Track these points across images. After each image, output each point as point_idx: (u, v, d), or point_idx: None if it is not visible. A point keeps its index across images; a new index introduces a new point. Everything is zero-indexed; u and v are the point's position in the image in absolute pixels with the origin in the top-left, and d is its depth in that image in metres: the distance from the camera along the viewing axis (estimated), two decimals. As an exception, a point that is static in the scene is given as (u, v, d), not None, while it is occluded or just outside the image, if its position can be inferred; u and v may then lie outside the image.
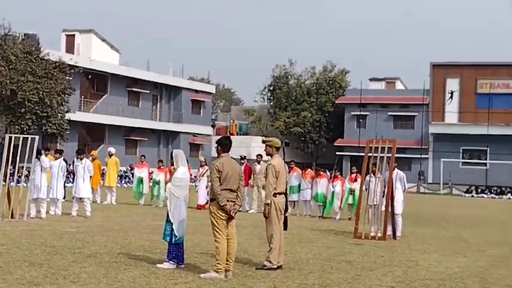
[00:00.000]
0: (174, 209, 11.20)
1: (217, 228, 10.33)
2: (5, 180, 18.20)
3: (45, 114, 45.50)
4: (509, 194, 59.73)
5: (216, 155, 11.05)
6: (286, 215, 11.59)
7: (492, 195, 60.40)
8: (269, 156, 11.64)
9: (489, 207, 39.41)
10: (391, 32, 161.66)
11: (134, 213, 22.07)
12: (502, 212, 34.66)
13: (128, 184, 45.93)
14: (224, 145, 10.61)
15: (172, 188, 11.26)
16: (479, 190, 62.20)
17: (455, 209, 34.97)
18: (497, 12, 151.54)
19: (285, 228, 11.58)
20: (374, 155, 17.52)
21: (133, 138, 62.15)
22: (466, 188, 62.56)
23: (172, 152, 11.50)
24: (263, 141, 12.17)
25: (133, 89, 62.26)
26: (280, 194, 11.36)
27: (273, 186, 11.22)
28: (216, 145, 10.70)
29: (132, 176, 48.72)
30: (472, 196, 59.77)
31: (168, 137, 66.34)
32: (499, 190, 61.42)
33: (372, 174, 17.73)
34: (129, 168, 49.56)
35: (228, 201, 10.29)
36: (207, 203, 24.88)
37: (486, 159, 66.67)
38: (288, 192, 11.93)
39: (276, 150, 11.56)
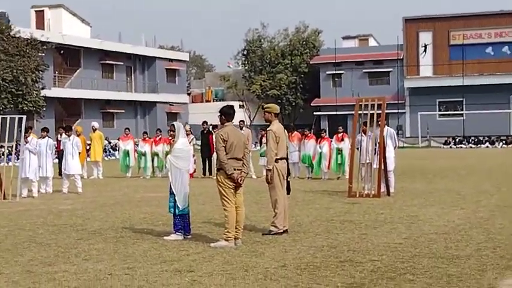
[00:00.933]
0: (176, 180, 11.17)
1: (226, 197, 10.34)
2: (-6, 162, 18.05)
3: (21, 92, 45.15)
4: (487, 143, 60.43)
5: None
6: (289, 179, 11.64)
7: (470, 145, 61.11)
8: (268, 122, 11.63)
9: (469, 158, 39.83)
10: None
11: (124, 187, 22.04)
12: (483, 161, 35.05)
13: (109, 157, 45.77)
14: (228, 114, 10.58)
15: (172, 159, 11.22)
16: (457, 141, 62.80)
17: (437, 161, 35.35)
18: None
19: (288, 192, 11.63)
20: (364, 113, 17.58)
21: (109, 111, 61.82)
22: (444, 139, 63.08)
23: (174, 124, 11.43)
24: (262, 107, 12.16)
25: (107, 62, 61.78)
26: (281, 159, 11.38)
27: (274, 151, 11.23)
28: (219, 114, 10.66)
29: (113, 150, 49.07)
30: (451, 147, 60.41)
31: (144, 107, 66.06)
32: (476, 140, 62.10)
33: (362, 133, 17.80)
34: (107, 142, 49.41)
35: (234, 169, 10.30)
36: (194, 171, 24.99)
37: (462, 110, 67.21)
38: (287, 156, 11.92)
39: (275, 116, 11.56)
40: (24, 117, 18.64)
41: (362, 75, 71.28)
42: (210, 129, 25.82)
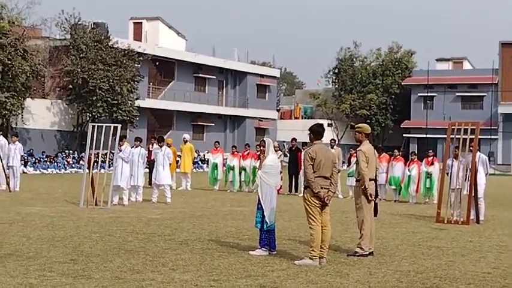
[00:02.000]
0: (265, 196, 11.25)
1: (312, 215, 10.36)
2: (88, 168, 18.57)
3: (116, 101, 46.26)
4: None
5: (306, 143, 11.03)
6: (377, 201, 11.55)
7: None
8: (358, 142, 11.60)
9: None
10: (458, 11, 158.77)
11: (212, 199, 22.30)
12: None
13: (198, 169, 46.41)
14: (317, 132, 10.62)
15: (262, 176, 11.31)
16: (551, 170, 60.80)
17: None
18: None
19: (375, 214, 11.53)
20: (456, 137, 17.28)
21: (200, 123, 62.62)
22: (539, 168, 61.17)
23: (264, 140, 11.55)
24: (352, 127, 12.14)
25: (200, 75, 62.65)
26: (370, 180, 11.31)
27: (366, 172, 11.18)
28: (308, 132, 10.70)
29: (201, 162, 49.74)
30: (545, 177, 58.47)
31: (234, 122, 66.65)
32: None
33: (453, 158, 17.50)
34: (197, 154, 50.11)
35: (321, 188, 10.31)
36: (280, 188, 25.06)
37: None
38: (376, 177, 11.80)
39: (366, 136, 11.51)
40: (120, 126, 19.15)
41: (455, 98, 69.93)
42: (299, 146, 25.88)
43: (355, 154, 11.71)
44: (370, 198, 11.20)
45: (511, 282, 9.46)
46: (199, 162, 49.82)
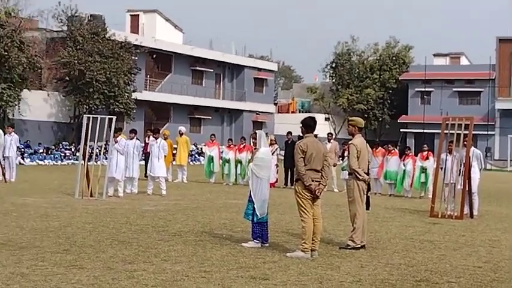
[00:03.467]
0: (256, 188, 11.30)
1: (303, 208, 10.40)
2: (84, 160, 18.60)
3: (113, 93, 46.28)
4: None
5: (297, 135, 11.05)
6: (369, 194, 11.60)
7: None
8: (351, 136, 11.64)
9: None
10: (455, 6, 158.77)
11: (207, 192, 22.34)
12: None
13: (195, 162, 46.46)
14: (308, 126, 10.65)
15: (254, 168, 11.35)
16: (548, 166, 60.86)
17: (526, 187, 34.37)
18: None
19: (367, 208, 11.59)
20: (450, 132, 17.31)
21: (197, 116, 62.64)
22: (535, 164, 61.25)
23: (256, 132, 11.60)
24: (347, 121, 12.16)
25: (197, 68, 62.66)
26: (362, 173, 11.37)
27: (356, 164, 11.23)
28: (300, 125, 10.74)
29: (198, 155, 49.77)
30: (541, 173, 58.53)
31: (231, 115, 66.67)
32: None
33: (448, 152, 17.53)
34: (194, 147, 50.12)
35: (312, 180, 10.35)
36: (276, 181, 25.14)
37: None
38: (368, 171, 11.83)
39: (359, 130, 11.55)
40: (114, 117, 19.15)
41: (452, 94, 70.01)
42: (295, 140, 25.89)
43: (347, 147, 11.73)
44: (360, 178, 11.21)
45: (501, 276, 9.52)
46: (196, 155, 49.84)
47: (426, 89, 69.75)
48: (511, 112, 66.34)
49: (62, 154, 41.92)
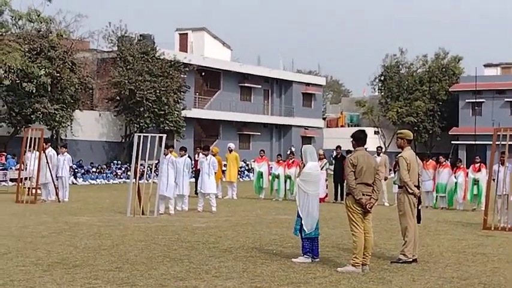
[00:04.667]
0: (303, 203, 11.29)
1: (354, 222, 10.37)
2: (135, 178, 18.81)
3: (163, 112, 46.69)
4: None
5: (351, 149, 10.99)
6: (419, 207, 11.49)
7: None
8: (400, 148, 11.57)
9: None
10: (506, 15, 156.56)
11: (257, 208, 22.37)
12: None
13: (244, 178, 46.56)
14: (359, 139, 10.65)
15: (300, 183, 11.36)
16: None
17: None
18: None
19: (419, 221, 11.48)
20: (502, 143, 17.08)
21: (246, 133, 62.80)
22: None
23: (292, 152, 11.62)
24: (396, 133, 12.10)
25: (245, 85, 62.85)
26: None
27: (407, 177, 11.13)
28: (350, 139, 10.73)
29: (248, 171, 49.87)
30: None
31: (280, 130, 66.67)
32: None
33: (500, 163, 17.29)
34: (245, 163, 50.26)
35: (363, 195, 10.31)
36: (326, 196, 25.05)
37: None
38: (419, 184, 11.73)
39: (408, 143, 11.47)
40: (165, 136, 19.38)
41: (504, 104, 68.90)
42: (344, 154, 25.78)
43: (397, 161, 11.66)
44: (411, 191, 11.11)
45: (557, 288, 9.35)
46: (246, 171, 49.96)
47: (477, 100, 68.79)
48: None
49: (114, 173, 42.42)
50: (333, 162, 26.55)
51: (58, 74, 40.02)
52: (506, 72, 73.88)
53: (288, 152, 28.30)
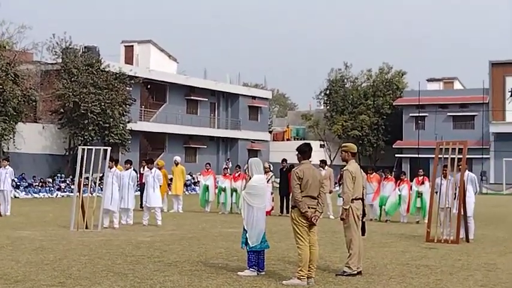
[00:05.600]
0: (248, 216, 11.25)
1: (299, 235, 10.41)
2: (79, 191, 18.59)
3: (108, 125, 46.28)
4: None
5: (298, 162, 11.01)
6: (364, 220, 11.60)
7: (557, 194, 59.02)
8: (345, 162, 11.67)
9: (556, 207, 38.52)
10: (448, 32, 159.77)
11: (203, 221, 22.29)
12: None
13: (190, 192, 46.39)
14: (304, 152, 10.70)
15: (246, 196, 11.33)
16: (544, 189, 60.74)
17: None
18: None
19: (363, 233, 11.59)
20: (444, 156, 17.36)
21: (192, 146, 62.61)
22: (531, 187, 61.15)
23: (249, 160, 11.62)
24: (341, 147, 12.19)
25: (192, 97, 62.69)
26: (357, 199, 11.38)
27: (351, 191, 11.25)
28: (296, 152, 10.77)
29: (194, 184, 49.72)
30: (537, 196, 58.44)
31: (226, 143, 66.68)
32: None
33: (442, 177, 17.56)
34: (191, 177, 50.06)
35: (308, 207, 10.36)
36: (272, 209, 25.09)
37: (550, 158, 65.14)
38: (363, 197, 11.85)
39: (352, 156, 11.60)
40: (109, 149, 19.19)
41: (446, 118, 70.16)
42: (289, 167, 25.89)
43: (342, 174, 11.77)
44: (344, 220, 11.25)
45: (497, 299, 9.51)
46: (192, 184, 49.79)
47: (420, 114, 69.91)
48: (506, 135, 66.40)
49: (57, 186, 41.84)
50: (279, 175, 26.65)
51: (0, 86, 39.36)
52: (448, 86, 75.35)
53: (224, 166, 28.27)
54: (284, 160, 26.73)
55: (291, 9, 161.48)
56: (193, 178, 50.54)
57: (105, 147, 19.41)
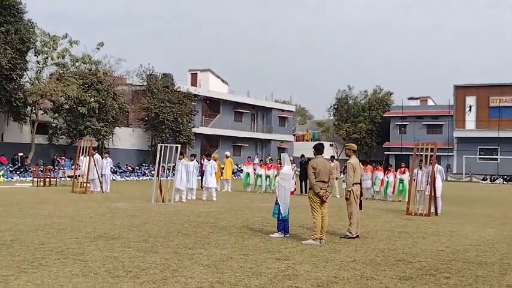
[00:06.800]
0: (281, 195, 11.28)
1: (314, 209, 10.38)
2: (157, 176, 18.75)
3: (178, 129, 46.56)
4: (517, 181, 57.09)
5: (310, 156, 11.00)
6: (361, 198, 11.51)
7: (503, 182, 57.87)
8: (348, 157, 11.60)
9: (502, 191, 37.81)
10: (423, 63, 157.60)
11: (245, 198, 22.28)
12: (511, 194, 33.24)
13: (236, 177, 46.40)
14: (318, 149, 10.68)
15: (280, 181, 11.35)
16: (492, 178, 59.72)
17: (476, 193, 33.79)
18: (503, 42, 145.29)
19: (360, 208, 11.57)
20: (420, 153, 17.16)
21: (238, 144, 62.61)
22: (483, 177, 60.12)
23: (281, 154, 11.61)
24: (344, 146, 12.12)
25: (238, 110, 62.71)
26: (356, 184, 11.31)
27: (352, 178, 11.18)
28: (312, 149, 10.74)
29: (239, 171, 49.70)
30: (488, 183, 57.46)
31: (262, 143, 66.59)
32: (508, 178, 58.83)
33: (419, 168, 17.37)
34: (236, 166, 50.10)
35: (321, 189, 10.33)
36: (294, 190, 25.00)
37: (497, 155, 63.98)
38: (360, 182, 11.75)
39: (353, 153, 11.52)
40: (179, 146, 19.32)
41: (422, 126, 69.22)
42: (307, 160, 25.77)
43: (346, 166, 11.70)
44: (347, 199, 11.18)
45: (457, 257, 9.39)
46: (238, 171, 49.81)
47: (403, 123, 69.09)
48: (465, 139, 65.38)
49: (143, 172, 42.22)
50: (300, 165, 26.56)
51: (103, 101, 39.83)
52: (424, 103, 74.34)
53: (268, 158, 28.30)
54: (303, 155, 26.62)
55: (307, 48, 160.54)
56: (239, 167, 50.53)
57: (176, 145, 19.52)
